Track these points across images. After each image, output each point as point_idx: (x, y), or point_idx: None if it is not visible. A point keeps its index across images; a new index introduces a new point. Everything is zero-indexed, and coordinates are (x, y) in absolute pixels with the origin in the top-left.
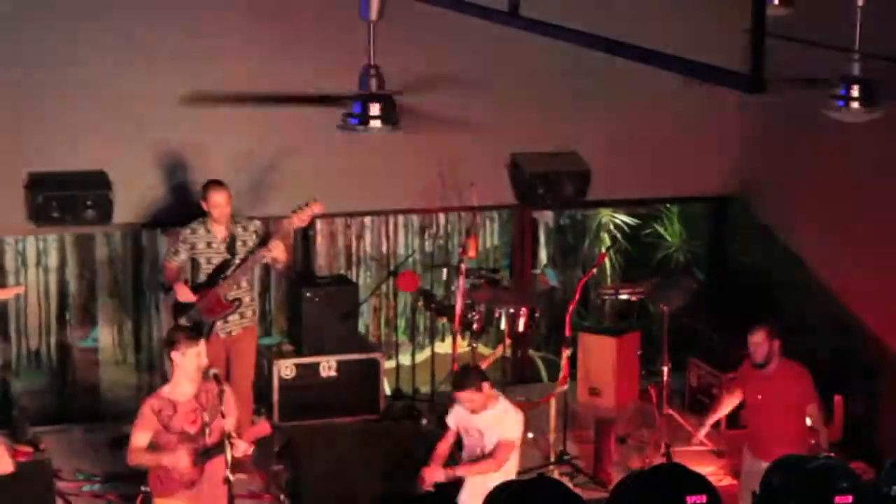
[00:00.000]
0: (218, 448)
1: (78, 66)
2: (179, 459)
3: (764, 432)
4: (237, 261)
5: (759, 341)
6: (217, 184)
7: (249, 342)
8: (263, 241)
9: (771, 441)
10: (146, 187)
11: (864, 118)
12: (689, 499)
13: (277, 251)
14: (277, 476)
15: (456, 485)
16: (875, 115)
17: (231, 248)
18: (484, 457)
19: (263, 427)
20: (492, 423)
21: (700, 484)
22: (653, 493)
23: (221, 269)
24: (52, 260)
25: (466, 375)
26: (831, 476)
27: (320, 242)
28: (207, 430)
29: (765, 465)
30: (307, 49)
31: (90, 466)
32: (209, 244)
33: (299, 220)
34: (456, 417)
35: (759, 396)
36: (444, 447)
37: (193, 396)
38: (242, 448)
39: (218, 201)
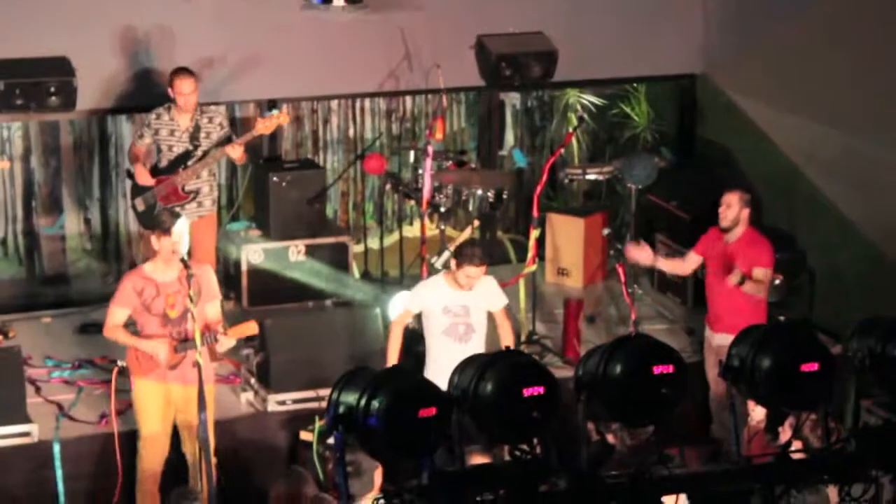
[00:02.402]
0: (194, 343)
1: None
2: (159, 350)
3: (722, 303)
4: (199, 153)
5: (730, 203)
6: (184, 71)
7: (208, 232)
8: (227, 137)
9: (727, 312)
10: (110, 73)
11: None
12: (656, 369)
13: (236, 153)
14: (247, 359)
15: (419, 361)
16: None
17: (194, 138)
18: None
19: (251, 326)
20: (479, 296)
21: (667, 354)
22: (620, 364)
23: (183, 158)
24: (17, 147)
25: (485, 250)
26: (797, 344)
27: (286, 127)
28: (189, 315)
29: (726, 337)
30: None
31: (60, 353)
32: (172, 132)
33: (264, 128)
34: (427, 300)
35: (719, 265)
36: (400, 334)
37: (177, 279)
38: (227, 345)
39: (184, 90)
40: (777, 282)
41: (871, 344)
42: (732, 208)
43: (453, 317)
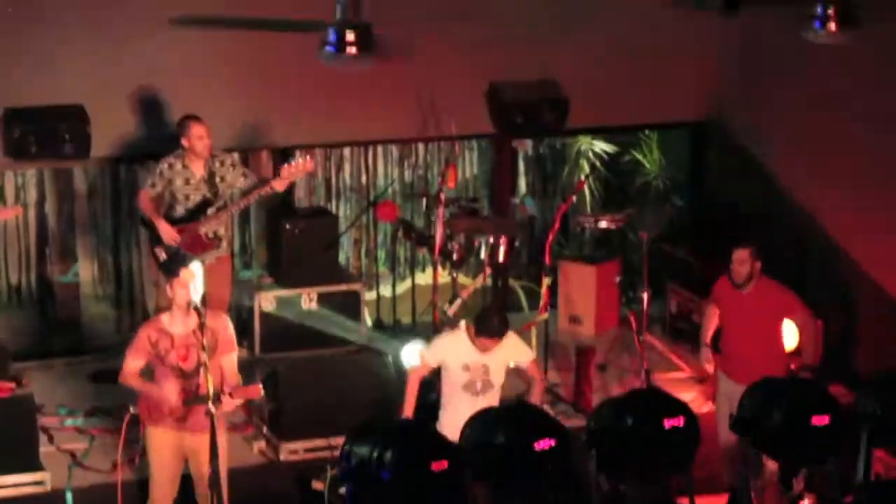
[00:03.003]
0: (205, 398)
1: None
2: (169, 394)
3: (739, 353)
4: (221, 199)
5: (743, 259)
6: (195, 117)
7: (224, 271)
8: (243, 174)
9: (745, 362)
10: (124, 121)
11: (841, 40)
12: (668, 422)
13: (281, 186)
14: (259, 407)
15: (432, 410)
16: (851, 37)
17: (211, 184)
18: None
19: (255, 390)
20: (502, 356)
21: (677, 407)
22: (631, 417)
23: (202, 206)
24: (31, 195)
25: (503, 321)
26: (808, 397)
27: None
28: (203, 370)
29: (739, 387)
30: None
31: (72, 401)
32: (187, 181)
33: (291, 176)
34: (448, 356)
35: (735, 315)
36: (416, 385)
37: (191, 331)
38: (230, 407)
39: (199, 133)
40: None
41: (883, 396)
42: (745, 265)
43: (472, 373)
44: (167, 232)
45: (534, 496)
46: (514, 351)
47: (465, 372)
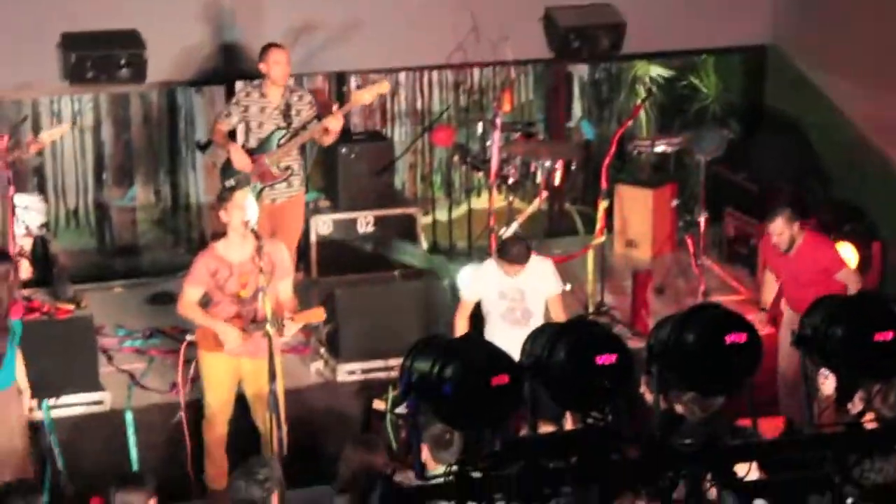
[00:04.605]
0: (265, 324)
1: None
2: (229, 336)
3: (798, 298)
4: (292, 130)
5: (779, 229)
6: (277, 44)
7: (295, 212)
8: (316, 117)
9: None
10: (180, 46)
11: None
12: (729, 338)
13: (336, 124)
14: (317, 329)
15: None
16: None
17: (286, 115)
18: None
19: (317, 313)
20: (534, 281)
21: (740, 323)
22: (692, 333)
23: (274, 136)
24: (88, 119)
25: (525, 246)
26: (870, 313)
27: None
28: (261, 295)
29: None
30: None
31: (131, 323)
32: (262, 109)
33: (364, 98)
34: (481, 286)
35: (788, 276)
36: (465, 324)
37: (249, 258)
38: (292, 331)
39: (277, 58)
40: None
41: None
42: (783, 233)
43: (510, 301)
44: (241, 159)
45: (593, 412)
46: (545, 279)
47: (502, 300)
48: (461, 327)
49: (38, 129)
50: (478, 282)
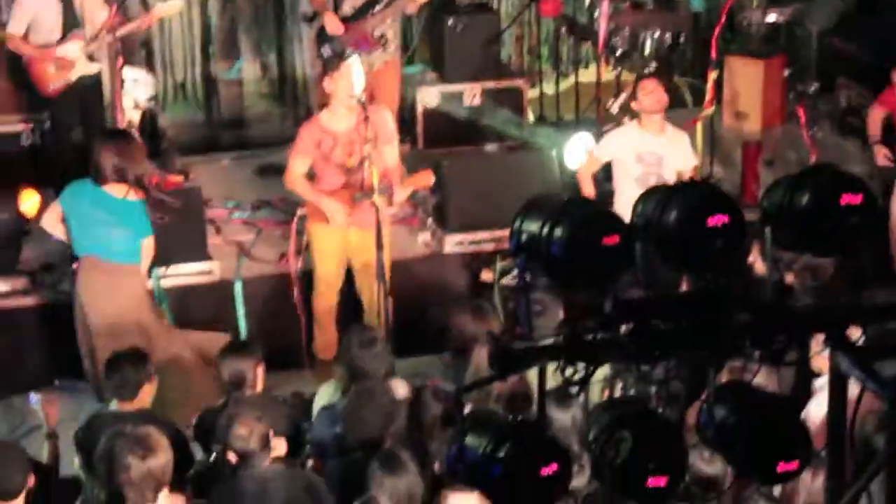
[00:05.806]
0: (372, 192)
1: None
2: (337, 214)
3: None
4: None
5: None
6: None
7: (392, 76)
8: None
9: None
10: None
11: None
12: (844, 198)
13: None
14: (425, 200)
15: None
16: None
17: None
18: None
19: (426, 176)
20: (673, 149)
21: (856, 184)
22: (807, 194)
23: (370, 3)
24: None
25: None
26: None
27: None
28: (367, 164)
29: None
30: None
31: (239, 194)
32: None
33: None
34: (617, 147)
35: None
36: (590, 180)
37: (354, 127)
38: (402, 196)
39: None
40: None
41: None
42: None
43: (646, 166)
44: (331, 23)
45: (704, 273)
46: (684, 150)
47: (639, 164)
48: (588, 188)
49: (146, 2)
50: (613, 141)
